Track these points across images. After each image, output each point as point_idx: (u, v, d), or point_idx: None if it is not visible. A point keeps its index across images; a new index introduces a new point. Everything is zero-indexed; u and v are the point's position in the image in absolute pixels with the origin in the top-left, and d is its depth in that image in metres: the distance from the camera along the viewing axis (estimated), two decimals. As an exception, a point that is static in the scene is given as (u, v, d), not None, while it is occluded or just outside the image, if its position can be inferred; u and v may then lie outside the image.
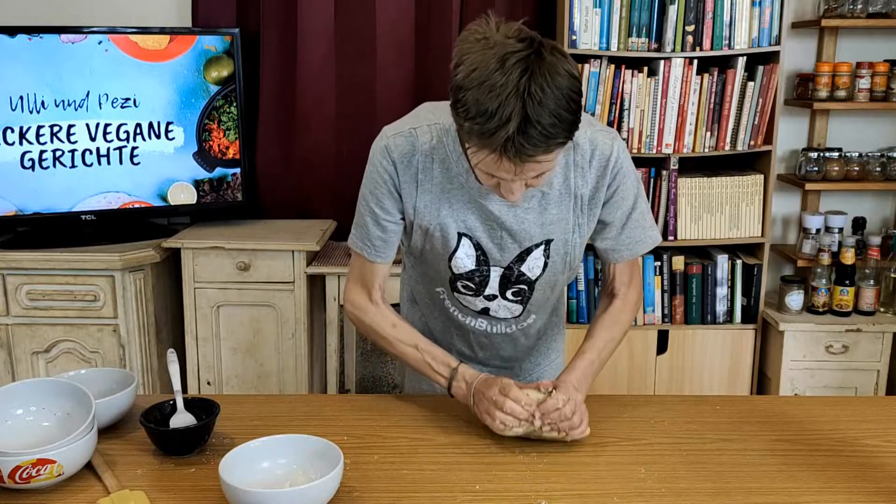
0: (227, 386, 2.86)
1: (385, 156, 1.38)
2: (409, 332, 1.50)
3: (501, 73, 1.11)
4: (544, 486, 1.21)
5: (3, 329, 2.69)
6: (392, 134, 1.39)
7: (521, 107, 1.10)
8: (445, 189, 1.38)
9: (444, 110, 1.26)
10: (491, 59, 1.12)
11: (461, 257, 1.42)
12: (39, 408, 1.29)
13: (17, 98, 2.66)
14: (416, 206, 1.40)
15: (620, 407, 1.47)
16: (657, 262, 2.87)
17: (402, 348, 1.48)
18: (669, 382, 2.93)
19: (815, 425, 1.41)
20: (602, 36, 2.72)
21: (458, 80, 1.16)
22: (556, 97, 1.12)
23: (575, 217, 1.41)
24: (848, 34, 2.98)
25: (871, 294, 2.85)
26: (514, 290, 1.47)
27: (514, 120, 1.11)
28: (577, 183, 1.39)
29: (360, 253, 1.48)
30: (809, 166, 2.91)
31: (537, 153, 1.15)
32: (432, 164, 1.37)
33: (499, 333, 1.56)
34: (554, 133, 1.13)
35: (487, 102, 1.11)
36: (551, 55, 1.14)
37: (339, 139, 3.05)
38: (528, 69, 1.11)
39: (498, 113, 1.11)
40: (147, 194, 2.85)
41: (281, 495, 1.10)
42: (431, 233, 1.41)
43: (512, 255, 1.42)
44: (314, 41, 2.95)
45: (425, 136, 1.37)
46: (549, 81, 1.12)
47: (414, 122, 1.40)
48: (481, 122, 1.13)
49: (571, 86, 1.14)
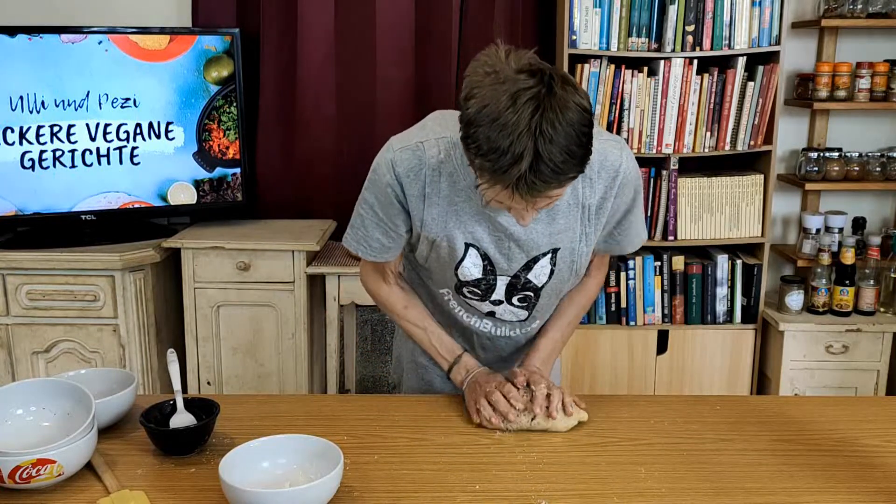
0: (227, 386, 2.86)
1: (390, 170, 1.37)
2: (420, 315, 1.56)
3: (513, 112, 1.11)
4: (544, 486, 1.21)
5: (3, 329, 2.69)
6: (399, 148, 1.38)
7: (532, 145, 1.11)
8: (453, 202, 1.38)
9: (453, 122, 1.25)
10: (502, 95, 1.12)
11: (468, 266, 1.43)
12: (39, 408, 1.29)
13: (17, 98, 2.66)
14: (424, 220, 1.40)
15: (620, 407, 1.47)
16: (657, 262, 2.87)
17: (410, 328, 1.56)
18: (669, 382, 2.93)
19: (815, 425, 1.41)
20: (602, 36, 2.72)
21: (470, 114, 1.15)
22: (566, 133, 1.12)
23: (582, 227, 1.42)
24: (848, 34, 2.98)
25: (871, 294, 2.85)
26: (521, 296, 1.48)
27: (526, 159, 1.11)
28: (585, 193, 1.39)
29: (357, 253, 1.49)
30: (809, 166, 2.91)
31: (549, 188, 1.16)
32: (440, 178, 1.37)
33: (502, 336, 1.57)
34: (565, 169, 1.14)
35: (499, 140, 1.11)
36: (562, 89, 1.13)
37: (339, 139, 3.05)
38: (540, 107, 1.11)
39: (510, 151, 1.11)
40: (147, 194, 2.85)
41: (281, 495, 1.10)
42: (438, 244, 1.42)
43: (519, 264, 1.43)
44: (314, 41, 2.95)
45: (433, 149, 1.36)
46: (560, 118, 1.12)
47: (422, 134, 1.39)
48: (493, 159, 1.13)
49: (582, 119, 1.14)
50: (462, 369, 1.51)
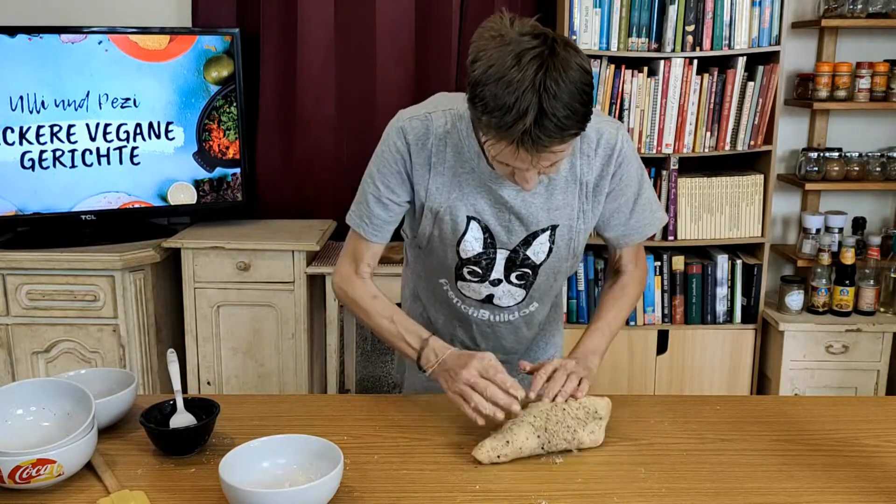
0: (227, 386, 2.86)
1: (400, 136, 1.42)
2: (387, 305, 1.50)
3: (518, 70, 1.16)
4: (544, 486, 1.21)
5: (3, 329, 2.69)
6: (409, 116, 1.43)
7: (537, 101, 1.15)
8: (457, 173, 1.42)
9: (459, 99, 1.31)
10: (507, 55, 1.17)
11: (469, 241, 1.45)
12: (39, 408, 1.29)
13: (17, 98, 2.66)
14: (429, 188, 1.43)
15: (620, 407, 1.47)
16: (657, 262, 2.87)
17: (378, 320, 1.49)
18: (669, 382, 2.93)
19: (815, 425, 1.41)
20: (602, 36, 2.72)
21: (476, 75, 1.20)
22: (569, 91, 1.17)
23: (580, 203, 1.45)
24: (848, 34, 2.98)
25: (871, 294, 2.85)
26: (519, 273, 1.50)
27: (531, 113, 1.16)
28: (582, 170, 1.44)
29: (357, 230, 1.51)
30: (809, 166, 2.91)
31: (553, 144, 1.20)
32: (445, 148, 1.41)
33: (501, 322, 1.59)
34: (568, 124, 1.19)
35: (505, 97, 1.16)
36: (564, 51, 1.19)
37: (339, 139, 3.05)
38: (544, 65, 1.16)
39: (515, 107, 1.16)
40: (147, 194, 2.85)
41: (281, 495, 1.10)
42: (441, 216, 1.45)
43: (519, 237, 1.46)
44: (314, 41, 2.95)
45: (440, 120, 1.41)
46: (563, 76, 1.17)
47: (430, 107, 1.45)
48: (499, 115, 1.17)
49: (583, 79, 1.19)
50: (431, 355, 1.40)
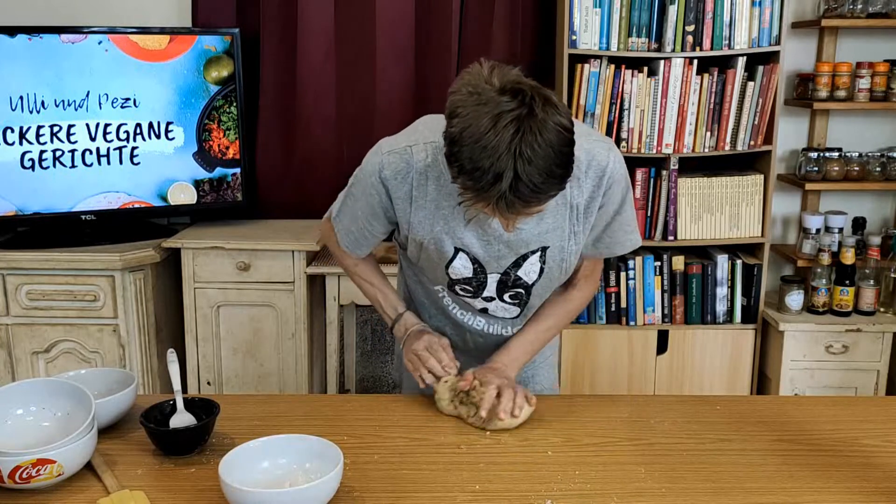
0: (227, 386, 2.86)
1: (375, 174, 1.41)
2: (369, 270, 1.63)
3: (494, 134, 1.13)
4: (544, 486, 1.21)
5: (3, 329, 2.69)
6: (387, 151, 1.41)
7: (512, 166, 1.14)
8: (440, 206, 1.40)
9: (443, 126, 1.26)
10: (483, 116, 1.15)
11: (457, 267, 1.45)
12: (39, 408, 1.29)
13: (17, 98, 2.66)
14: (411, 222, 1.42)
15: (620, 407, 1.47)
16: (657, 262, 2.87)
17: (360, 282, 1.64)
18: (669, 382, 2.93)
19: (815, 425, 1.42)
20: (602, 36, 2.72)
21: (454, 133, 1.18)
22: (545, 155, 1.15)
23: (571, 225, 1.43)
24: (848, 34, 2.98)
25: (871, 294, 2.85)
26: (512, 293, 1.50)
27: (507, 179, 1.14)
28: (572, 193, 1.40)
29: (336, 235, 1.56)
30: (809, 166, 2.91)
31: (529, 207, 1.19)
32: (426, 182, 1.39)
33: (495, 334, 1.58)
34: (545, 189, 1.17)
35: (481, 161, 1.14)
36: (543, 111, 1.15)
37: (338, 139, 3.05)
38: (521, 130, 1.13)
39: (491, 171, 1.14)
40: (147, 194, 2.85)
41: (281, 495, 1.11)
42: (426, 246, 1.44)
43: (508, 261, 1.45)
44: (314, 41, 2.95)
45: (420, 154, 1.39)
46: (540, 139, 1.14)
47: (411, 138, 1.42)
48: (476, 178, 1.16)
49: (562, 141, 1.17)
50: (402, 327, 1.57)
